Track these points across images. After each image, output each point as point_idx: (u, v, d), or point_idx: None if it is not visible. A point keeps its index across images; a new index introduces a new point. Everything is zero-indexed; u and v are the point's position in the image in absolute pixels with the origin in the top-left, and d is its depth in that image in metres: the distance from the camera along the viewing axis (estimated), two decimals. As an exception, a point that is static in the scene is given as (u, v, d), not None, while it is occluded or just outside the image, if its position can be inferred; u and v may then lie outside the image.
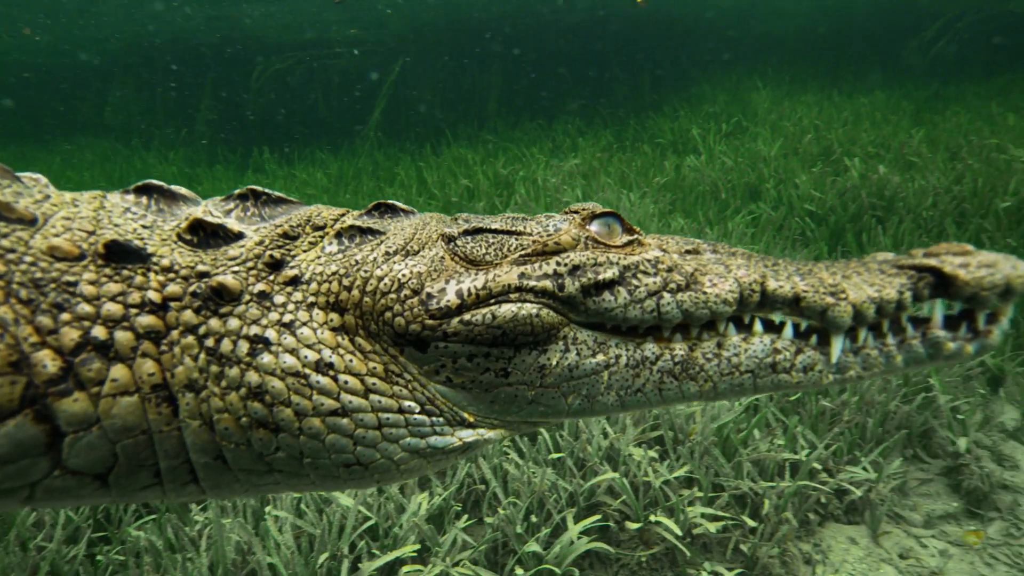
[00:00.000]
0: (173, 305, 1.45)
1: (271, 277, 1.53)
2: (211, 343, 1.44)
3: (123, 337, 1.39)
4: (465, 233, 1.63)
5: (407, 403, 1.50)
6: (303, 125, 21.70)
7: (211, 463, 1.46)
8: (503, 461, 4.63)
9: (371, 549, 4.04)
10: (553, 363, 1.50)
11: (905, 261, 1.62)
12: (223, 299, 1.47)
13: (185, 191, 1.67)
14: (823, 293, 1.54)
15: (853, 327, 1.56)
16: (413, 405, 1.51)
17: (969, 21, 23.12)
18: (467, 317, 1.48)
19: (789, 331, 1.57)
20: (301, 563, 3.84)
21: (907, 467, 5.13)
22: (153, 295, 1.44)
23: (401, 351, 1.51)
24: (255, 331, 1.46)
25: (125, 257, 1.45)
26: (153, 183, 1.64)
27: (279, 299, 1.51)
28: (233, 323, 1.46)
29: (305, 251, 1.60)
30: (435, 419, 1.52)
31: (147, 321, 1.42)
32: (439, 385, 1.52)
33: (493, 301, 1.50)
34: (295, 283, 1.54)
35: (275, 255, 1.55)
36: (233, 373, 1.43)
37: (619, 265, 1.57)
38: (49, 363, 1.32)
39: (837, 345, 1.55)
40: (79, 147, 21.23)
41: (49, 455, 1.34)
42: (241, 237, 1.57)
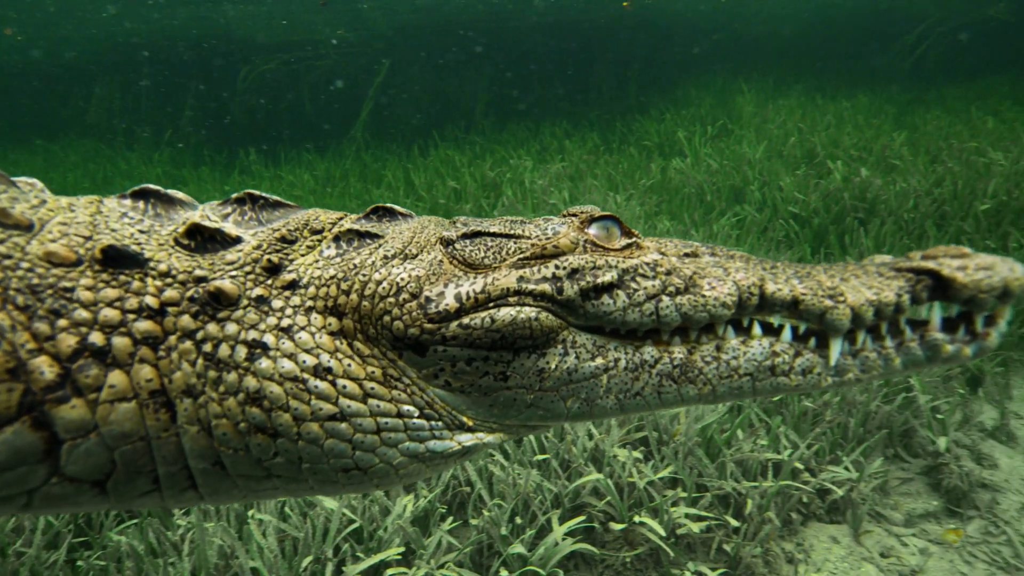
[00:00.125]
0: (171, 310, 1.44)
1: (269, 281, 1.53)
2: (209, 348, 1.43)
3: (121, 343, 1.38)
4: (463, 236, 1.63)
5: (406, 407, 1.50)
6: (289, 126, 21.61)
7: (209, 469, 1.45)
8: (488, 463, 4.64)
9: (355, 552, 4.03)
10: (552, 366, 1.50)
11: (903, 264, 1.62)
12: (221, 304, 1.46)
13: (182, 195, 1.66)
14: (821, 296, 1.54)
15: (851, 330, 1.56)
16: (412, 409, 1.50)
17: (950, 26, 23.46)
18: (466, 321, 1.48)
19: (788, 334, 1.58)
20: (284, 567, 3.82)
21: (888, 466, 5.19)
22: (151, 300, 1.43)
23: (400, 355, 1.51)
24: (253, 336, 1.46)
25: (122, 262, 1.44)
26: (150, 187, 1.63)
27: (277, 304, 1.50)
28: (231, 328, 1.45)
29: (303, 255, 1.59)
30: (434, 423, 1.52)
31: (145, 326, 1.41)
32: (438, 389, 1.51)
33: (492, 305, 1.50)
34: (293, 287, 1.53)
35: (273, 259, 1.55)
36: (231, 378, 1.43)
37: (618, 268, 1.57)
38: (46, 369, 1.32)
39: (835, 348, 1.56)
40: (61, 148, 20.99)
41: (47, 462, 1.33)
42: (239, 241, 1.57)
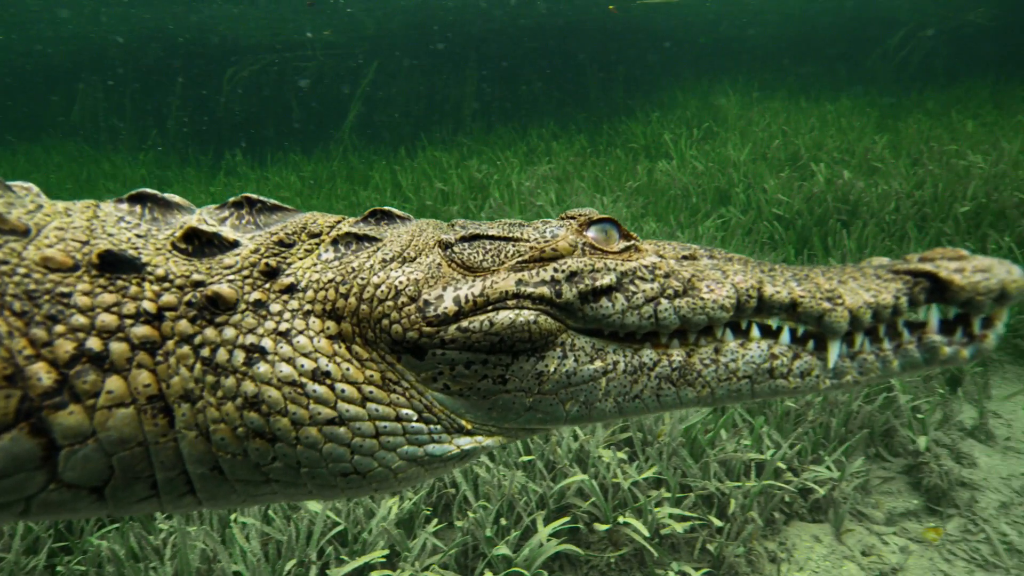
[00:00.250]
0: (168, 315, 1.43)
1: (267, 285, 1.52)
2: (207, 353, 1.43)
3: (118, 348, 1.38)
4: (462, 240, 1.63)
5: (405, 411, 1.50)
6: (276, 127, 21.50)
7: (208, 474, 1.45)
8: (473, 464, 4.64)
9: (339, 555, 4.01)
10: (551, 370, 1.50)
11: (901, 266, 1.63)
12: (219, 308, 1.46)
13: (179, 199, 1.66)
14: (820, 298, 1.54)
15: (850, 332, 1.57)
16: (411, 413, 1.50)
17: (931, 31, 23.79)
18: (464, 324, 1.48)
19: (786, 336, 1.58)
20: (268, 570, 3.80)
21: (869, 466, 5.25)
22: (148, 305, 1.42)
23: (398, 359, 1.50)
24: (251, 340, 1.45)
25: (120, 267, 1.44)
26: (147, 192, 1.63)
27: (275, 307, 1.50)
28: (229, 332, 1.45)
29: (301, 259, 1.59)
30: (433, 427, 1.51)
31: (142, 331, 1.40)
32: (437, 392, 1.51)
33: (491, 308, 1.49)
34: (291, 291, 1.53)
35: (271, 263, 1.54)
36: (229, 383, 1.42)
37: (616, 271, 1.57)
38: (44, 376, 1.31)
39: (834, 350, 1.56)
40: (45, 148, 20.75)
41: (45, 468, 1.32)
42: (236, 245, 1.56)
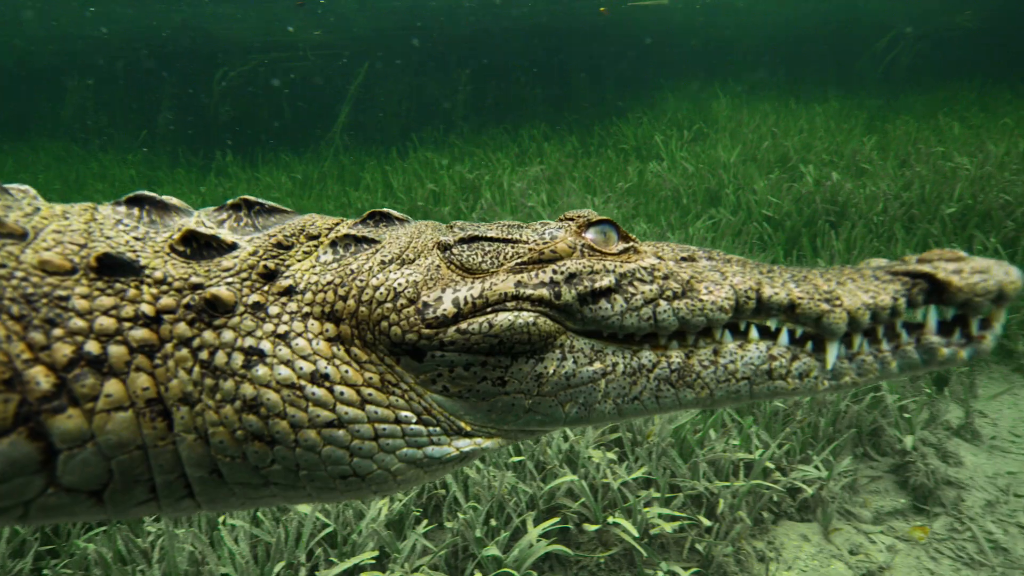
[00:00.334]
0: (167, 318, 1.43)
1: (265, 288, 1.52)
2: (205, 356, 1.43)
3: (117, 351, 1.37)
4: (461, 241, 1.63)
5: (404, 413, 1.49)
6: (267, 128, 21.41)
7: (206, 477, 1.44)
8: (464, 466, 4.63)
9: (329, 556, 4.00)
10: (550, 371, 1.50)
11: (899, 267, 1.63)
12: (217, 311, 1.45)
13: (177, 202, 1.65)
14: (818, 300, 1.55)
15: (848, 333, 1.57)
16: (410, 415, 1.50)
17: (918, 34, 24.01)
18: (464, 326, 1.48)
19: (785, 338, 1.58)
20: (256, 572, 3.79)
21: (857, 465, 5.29)
22: (146, 308, 1.42)
23: (397, 361, 1.50)
24: (250, 343, 1.45)
25: (118, 270, 1.43)
26: (145, 194, 1.62)
27: (274, 310, 1.50)
28: (227, 335, 1.45)
29: (299, 261, 1.59)
30: (432, 429, 1.51)
31: (141, 335, 1.40)
32: (436, 395, 1.51)
33: (490, 310, 1.50)
34: (290, 293, 1.52)
35: (269, 265, 1.54)
36: (228, 386, 1.42)
37: (615, 273, 1.57)
38: (42, 380, 1.30)
39: (832, 351, 1.56)
40: (32, 148, 20.57)
41: (43, 473, 1.32)
42: (235, 248, 1.56)
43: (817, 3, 31.47)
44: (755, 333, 1.59)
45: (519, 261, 1.58)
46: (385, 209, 1.77)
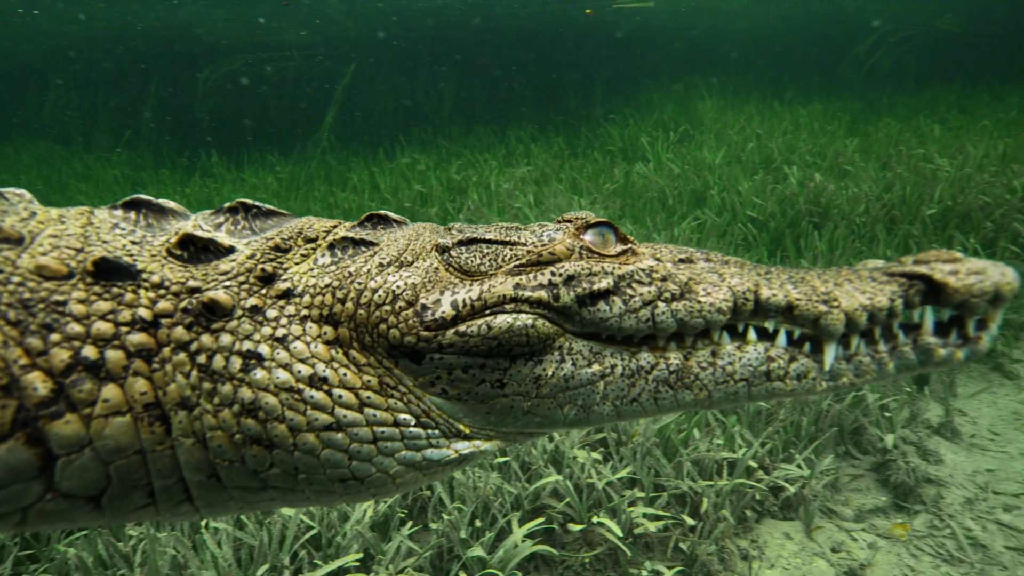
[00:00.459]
0: (164, 322, 1.43)
1: (263, 291, 1.51)
2: (203, 360, 1.42)
3: (114, 356, 1.37)
4: (459, 244, 1.62)
5: (402, 416, 1.49)
6: (253, 128, 21.27)
7: (205, 481, 1.44)
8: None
9: (313, 559, 3.99)
10: (549, 373, 1.51)
11: (896, 269, 1.64)
12: (215, 315, 1.45)
13: (174, 205, 1.65)
14: (816, 301, 1.55)
15: (845, 334, 1.57)
16: (408, 418, 1.49)
17: (900, 37, 24.31)
18: (462, 328, 1.48)
19: (783, 339, 1.59)
20: (240, 576, 3.77)
21: (839, 463, 5.35)
22: (144, 312, 1.42)
23: (396, 363, 1.50)
24: (248, 346, 1.45)
25: (115, 274, 1.43)
26: (141, 198, 1.61)
27: (272, 313, 1.49)
28: (225, 339, 1.44)
29: (297, 264, 1.58)
30: (431, 431, 1.51)
31: (138, 339, 1.40)
32: (435, 397, 1.51)
33: (488, 312, 1.50)
34: (288, 296, 1.52)
35: (267, 268, 1.54)
36: (226, 390, 1.41)
37: (614, 275, 1.57)
38: (40, 385, 1.30)
39: (830, 352, 1.57)
40: (14, 148, 20.29)
41: (41, 479, 1.32)
42: (232, 251, 1.55)
43: (801, 6, 31.79)
44: (753, 335, 1.60)
45: (517, 263, 1.58)
46: (383, 211, 1.76)
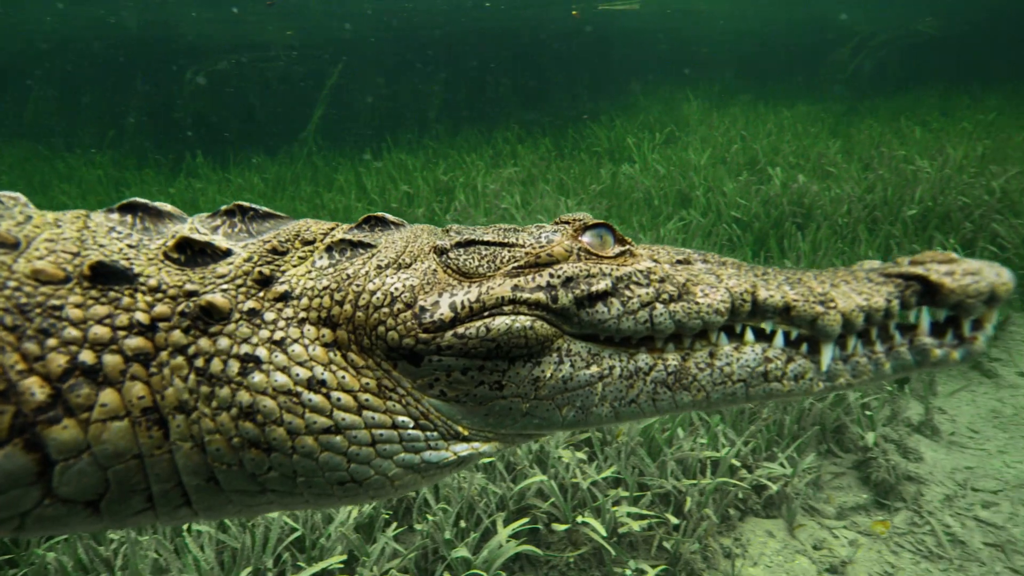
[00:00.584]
0: (161, 326, 1.42)
1: (261, 294, 1.51)
2: (201, 363, 1.42)
3: (111, 360, 1.37)
4: (457, 245, 1.62)
5: (401, 418, 1.49)
6: (239, 129, 21.10)
7: (203, 485, 1.43)
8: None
9: (296, 561, 3.97)
10: (547, 375, 1.51)
11: (892, 269, 1.65)
12: (212, 318, 1.44)
13: (171, 208, 1.64)
14: (813, 302, 1.56)
15: (842, 335, 1.58)
16: (407, 420, 1.49)
17: (881, 40, 24.60)
18: (461, 330, 1.48)
19: (780, 340, 1.59)
20: (222, 579, 3.75)
21: (821, 461, 5.40)
22: (141, 316, 1.41)
23: (394, 365, 1.50)
24: (245, 350, 1.44)
25: (111, 278, 1.42)
26: (138, 201, 1.61)
27: (269, 316, 1.49)
28: (223, 342, 1.44)
29: (295, 266, 1.58)
30: (429, 433, 1.51)
31: (135, 343, 1.39)
32: (433, 399, 1.51)
33: (487, 314, 1.49)
34: (285, 299, 1.52)
35: (264, 271, 1.53)
36: (224, 393, 1.41)
37: (612, 276, 1.57)
38: (37, 390, 1.30)
39: (827, 353, 1.57)
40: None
41: (40, 484, 1.31)
42: (229, 254, 1.55)
43: (784, 9, 32.09)
44: (751, 335, 1.60)
45: (516, 265, 1.58)
46: (380, 213, 1.76)
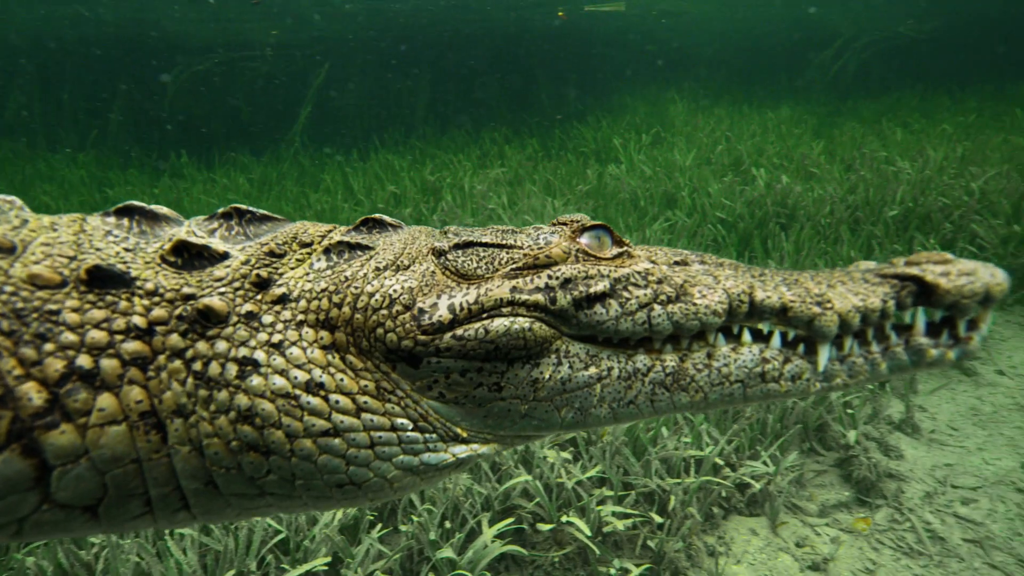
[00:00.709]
0: (159, 329, 1.42)
1: (258, 297, 1.51)
2: (199, 367, 1.42)
3: (109, 365, 1.36)
4: (455, 247, 1.62)
5: (400, 420, 1.49)
6: (224, 128, 20.95)
7: (202, 489, 1.43)
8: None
9: (280, 563, 3.96)
10: (546, 376, 1.51)
11: (888, 270, 1.66)
12: (210, 321, 1.44)
13: (167, 211, 1.64)
14: (810, 303, 1.57)
15: (839, 335, 1.59)
16: (406, 422, 1.49)
17: (864, 42, 24.89)
18: (460, 332, 1.48)
19: (777, 341, 1.60)
20: (205, 582, 3.72)
21: (803, 460, 5.46)
22: (138, 320, 1.41)
23: (393, 367, 1.50)
24: (243, 353, 1.44)
25: (108, 282, 1.42)
26: (134, 204, 1.60)
27: (267, 319, 1.49)
28: (221, 346, 1.44)
29: (292, 269, 1.58)
30: (428, 436, 1.51)
31: (133, 347, 1.39)
32: (432, 401, 1.51)
33: (485, 315, 1.50)
34: (283, 301, 1.51)
35: (262, 274, 1.53)
36: (222, 397, 1.41)
37: (610, 278, 1.57)
38: (34, 396, 1.29)
39: (824, 354, 1.58)
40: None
41: (37, 489, 1.31)
42: (226, 257, 1.55)
43: (769, 11, 32.36)
44: (748, 336, 1.61)
45: (514, 266, 1.59)
46: (378, 215, 1.76)
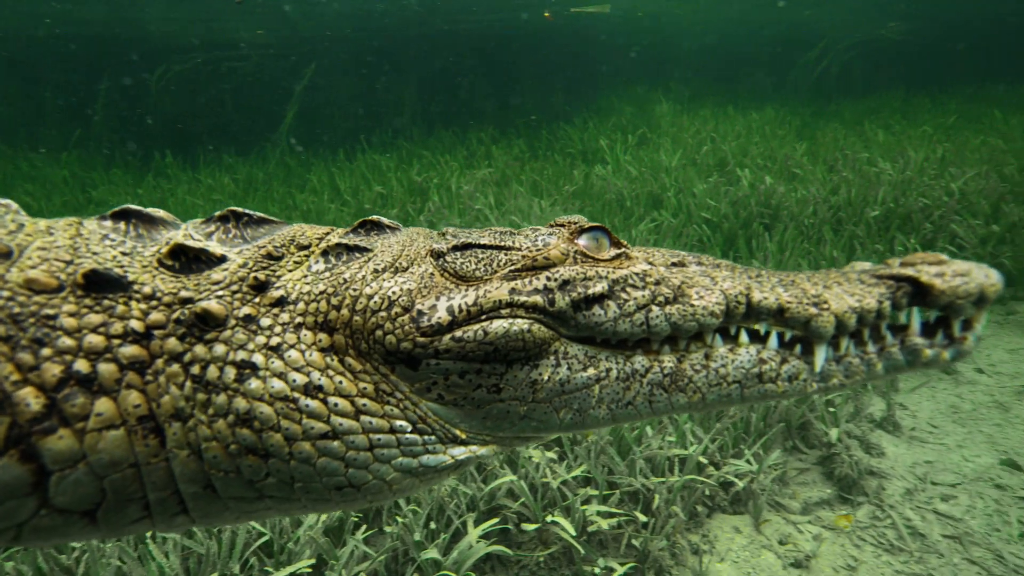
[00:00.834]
0: (157, 333, 1.41)
1: (256, 300, 1.50)
2: (197, 370, 1.41)
3: (106, 369, 1.35)
4: (454, 249, 1.63)
5: (399, 422, 1.49)
6: (209, 128, 20.78)
7: (200, 492, 1.43)
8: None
9: (264, 566, 3.94)
10: (545, 378, 1.51)
11: (883, 271, 1.67)
12: (208, 325, 1.44)
13: (164, 214, 1.63)
14: (806, 304, 1.58)
15: (835, 336, 1.61)
16: (405, 424, 1.49)
17: (846, 44, 25.17)
18: (458, 334, 1.48)
19: (774, 341, 1.61)
20: (188, 585, 3.70)
21: (786, 458, 5.51)
22: (136, 324, 1.40)
23: (392, 369, 1.50)
24: (242, 356, 1.44)
25: (105, 286, 1.41)
26: (131, 208, 1.59)
27: (265, 322, 1.48)
28: (219, 349, 1.43)
29: (290, 271, 1.57)
30: (427, 437, 1.51)
31: (130, 351, 1.38)
32: (431, 403, 1.51)
33: (484, 317, 1.50)
34: (281, 304, 1.51)
35: (260, 277, 1.53)
36: (220, 400, 1.41)
37: (608, 279, 1.58)
38: (32, 401, 1.28)
39: (820, 354, 1.60)
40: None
41: (35, 494, 1.30)
42: (224, 260, 1.54)
43: (753, 14, 32.60)
44: (745, 337, 1.62)
45: (512, 268, 1.59)
46: (376, 217, 1.76)
